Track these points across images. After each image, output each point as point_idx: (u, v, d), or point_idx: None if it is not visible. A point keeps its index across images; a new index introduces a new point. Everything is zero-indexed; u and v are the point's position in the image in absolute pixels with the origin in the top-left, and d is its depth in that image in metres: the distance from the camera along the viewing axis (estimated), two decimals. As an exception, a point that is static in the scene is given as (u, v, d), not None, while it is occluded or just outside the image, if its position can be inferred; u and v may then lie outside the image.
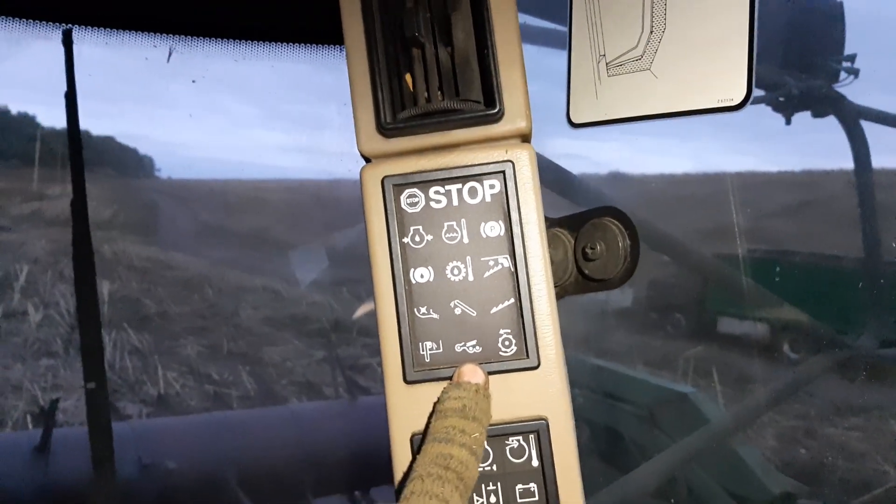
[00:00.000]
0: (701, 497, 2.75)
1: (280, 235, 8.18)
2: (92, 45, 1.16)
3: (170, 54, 1.14)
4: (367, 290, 7.17)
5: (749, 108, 0.78)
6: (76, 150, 1.56)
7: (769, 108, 2.09)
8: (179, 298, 7.61)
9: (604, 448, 3.06)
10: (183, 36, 1.15)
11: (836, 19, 1.99)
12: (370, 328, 6.79)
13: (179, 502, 2.99)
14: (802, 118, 2.30)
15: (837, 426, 3.90)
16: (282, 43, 1.19)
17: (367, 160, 0.78)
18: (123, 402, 5.81)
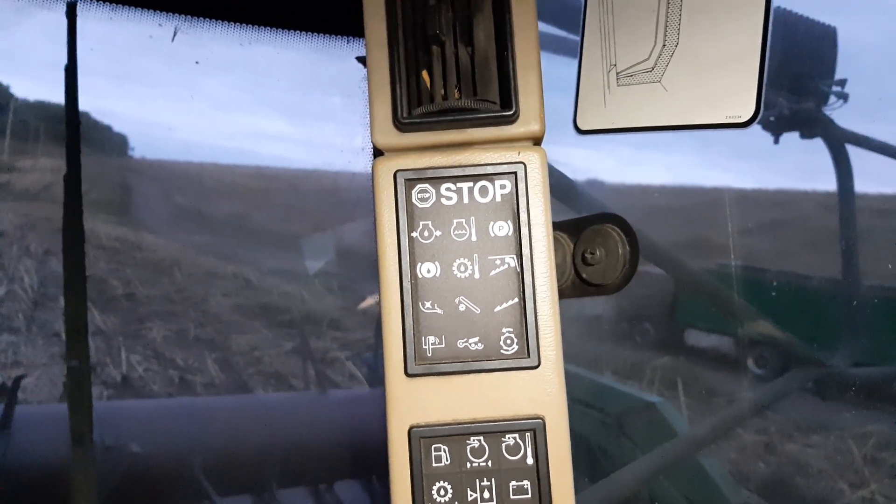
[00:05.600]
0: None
1: (255, 224, 8.11)
2: (95, 20, 1.14)
3: (175, 34, 1.13)
4: (340, 283, 7.15)
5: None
6: (73, 124, 1.53)
7: (758, 127, 2.13)
8: (148, 281, 7.49)
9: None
10: (189, 16, 1.14)
11: (829, 43, 2.04)
12: (341, 321, 6.76)
13: (142, 485, 2.95)
14: (782, 140, 2.35)
15: (797, 443, 3.99)
16: (288, 30, 1.19)
17: (380, 153, 0.79)
18: (85, 383, 5.68)
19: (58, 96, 1.74)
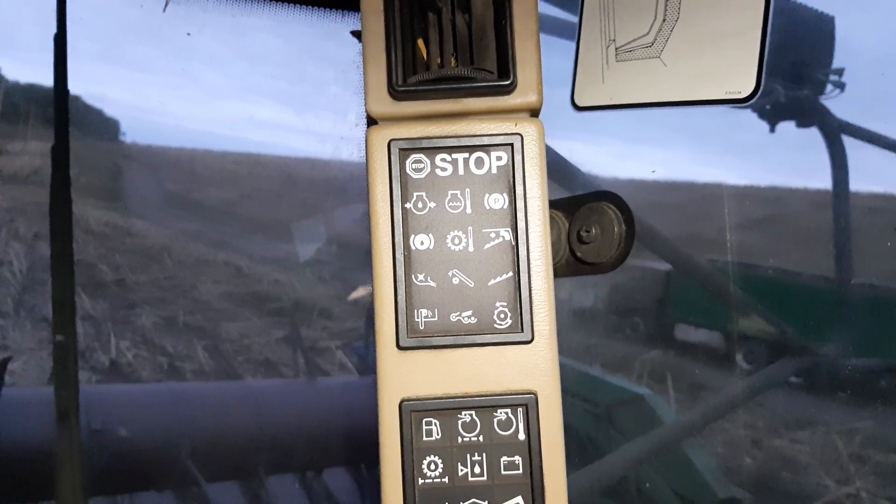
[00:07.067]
0: (649, 496, 2.80)
1: (247, 211, 8.07)
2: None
3: (166, 4, 1.11)
4: (330, 272, 7.13)
5: (726, 120, 0.80)
6: (62, 96, 1.50)
7: (753, 117, 2.13)
8: (138, 267, 7.45)
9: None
10: (182, -13, 1.12)
11: (827, 32, 2.03)
12: (331, 310, 6.74)
13: (130, 469, 2.94)
14: (776, 134, 2.34)
15: (784, 438, 4.01)
16: (281, 2, 1.17)
17: (374, 122, 0.77)
18: (72, 368, 5.64)
19: (49, 79, 1.71)
